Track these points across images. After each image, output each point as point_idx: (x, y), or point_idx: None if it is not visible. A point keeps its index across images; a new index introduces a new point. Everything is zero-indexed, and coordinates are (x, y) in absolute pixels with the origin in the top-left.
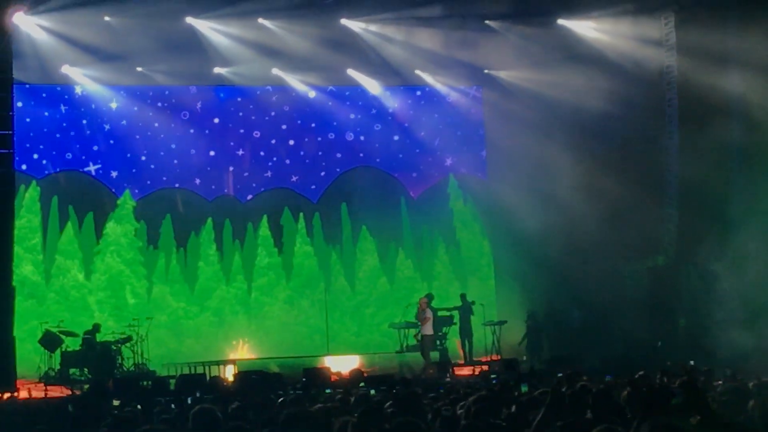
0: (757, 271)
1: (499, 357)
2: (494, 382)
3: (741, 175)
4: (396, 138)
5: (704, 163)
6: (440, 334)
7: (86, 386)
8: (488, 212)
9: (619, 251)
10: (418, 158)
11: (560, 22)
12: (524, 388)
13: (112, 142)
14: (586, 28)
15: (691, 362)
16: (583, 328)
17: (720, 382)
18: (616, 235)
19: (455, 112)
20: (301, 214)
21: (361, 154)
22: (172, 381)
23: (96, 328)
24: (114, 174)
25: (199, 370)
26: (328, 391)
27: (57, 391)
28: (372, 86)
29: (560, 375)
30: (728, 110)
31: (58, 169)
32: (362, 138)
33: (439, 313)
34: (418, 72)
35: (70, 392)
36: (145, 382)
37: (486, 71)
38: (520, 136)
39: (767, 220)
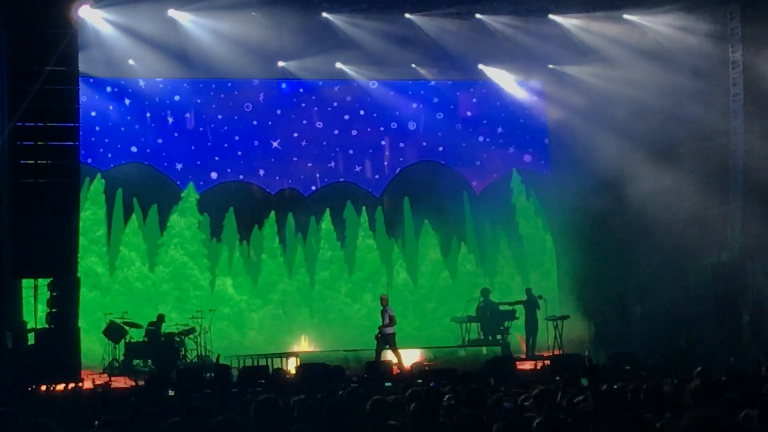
0: None
1: (560, 352)
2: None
3: None
4: (458, 127)
5: None
6: (502, 328)
7: (149, 377)
8: (551, 207)
9: (682, 247)
10: (481, 152)
11: (625, 16)
12: (584, 381)
13: (176, 134)
14: (650, 22)
15: (760, 357)
16: (645, 323)
17: None
18: (680, 231)
19: (518, 106)
20: (364, 208)
21: (424, 143)
22: (235, 372)
23: (160, 318)
24: (178, 166)
25: (262, 362)
26: (388, 384)
27: (120, 382)
28: (435, 80)
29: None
30: None
31: (123, 162)
32: (425, 128)
33: (502, 308)
34: (480, 66)
35: (133, 383)
36: (208, 374)
37: (550, 66)
38: (584, 132)
39: None
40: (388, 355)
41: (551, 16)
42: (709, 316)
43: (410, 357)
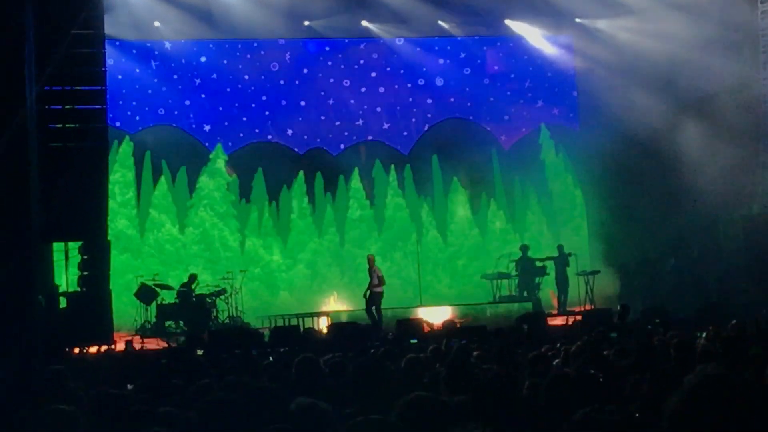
0: None
1: (591, 307)
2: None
3: None
4: (486, 83)
5: None
6: (533, 284)
7: (182, 338)
8: (580, 162)
9: (713, 200)
10: (509, 108)
11: None
12: (614, 335)
13: (203, 96)
14: None
15: None
16: (677, 277)
17: None
18: (710, 184)
19: (545, 61)
20: (392, 166)
21: (452, 100)
22: (266, 333)
23: (192, 279)
24: (207, 128)
25: (293, 322)
26: (413, 341)
27: (153, 344)
28: (461, 36)
29: (649, 327)
30: None
31: (151, 125)
32: (452, 84)
33: (535, 264)
34: (507, 22)
35: (166, 344)
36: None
37: (577, 20)
38: (612, 86)
39: None
40: (419, 313)
41: None
42: (741, 269)
43: (441, 315)
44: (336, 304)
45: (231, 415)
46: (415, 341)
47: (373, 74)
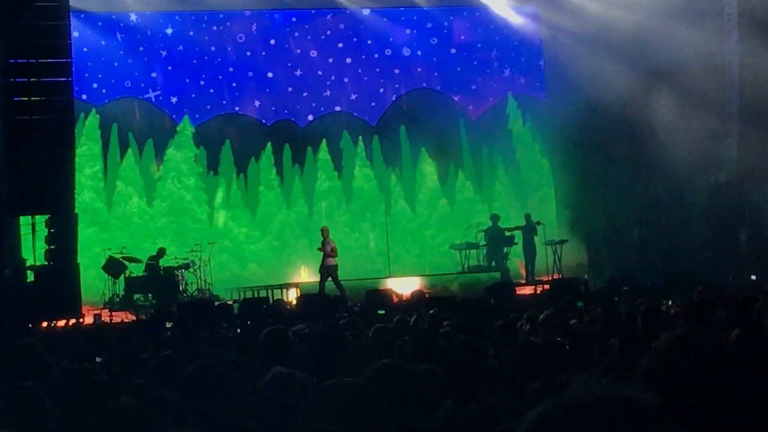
0: None
1: (560, 276)
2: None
3: None
4: (453, 52)
5: (766, 78)
6: (502, 254)
7: (150, 312)
8: (548, 132)
9: (680, 169)
10: (476, 78)
11: None
12: (580, 304)
13: (169, 68)
14: None
15: (753, 277)
16: (643, 245)
17: None
18: (677, 152)
19: (512, 31)
20: (360, 137)
21: (419, 69)
22: (236, 305)
23: (161, 252)
24: (173, 100)
25: (262, 294)
26: (381, 312)
27: (122, 317)
28: (428, 6)
29: (616, 298)
30: None
31: (117, 97)
32: (419, 53)
33: (503, 234)
34: None
35: (134, 318)
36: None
37: None
38: (578, 55)
39: None
40: (388, 284)
41: None
42: (707, 237)
43: (410, 285)
44: (305, 276)
45: (201, 387)
46: (383, 312)
47: (340, 45)
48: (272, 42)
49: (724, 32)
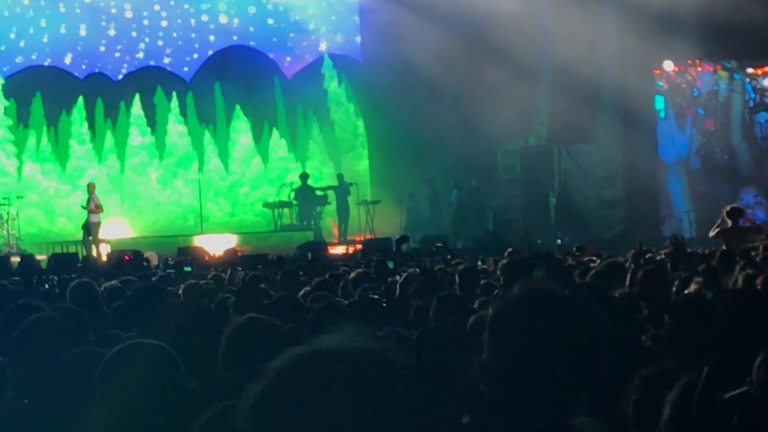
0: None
1: (372, 236)
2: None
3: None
4: (270, 22)
5: (578, 43)
6: (314, 214)
7: None
8: (363, 93)
9: (492, 132)
10: (293, 40)
11: None
12: (390, 265)
13: None
14: None
15: (558, 240)
16: (456, 208)
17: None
18: (490, 115)
19: None
20: (174, 93)
21: (235, 37)
22: (44, 260)
23: None
24: None
25: (71, 249)
26: (187, 269)
27: None
28: None
29: (428, 258)
30: None
31: None
32: (236, 21)
33: (315, 193)
34: None
35: None
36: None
37: None
38: (398, 18)
39: None
40: (199, 241)
41: None
42: (518, 200)
43: (222, 242)
44: (116, 232)
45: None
46: (189, 269)
47: (156, 7)
48: None
49: None
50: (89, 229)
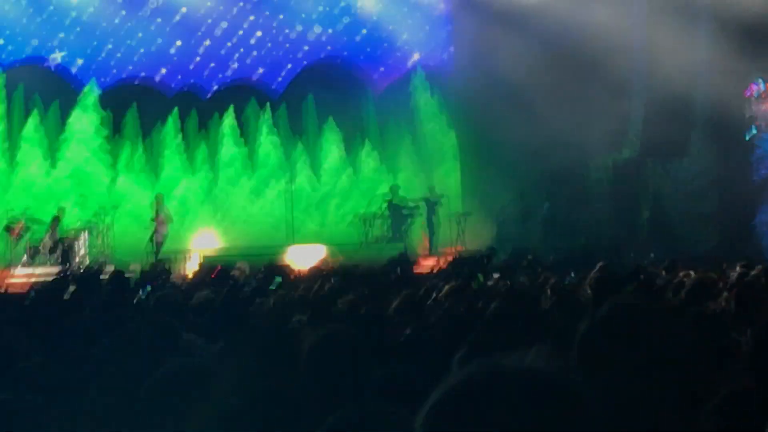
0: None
1: (462, 248)
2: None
3: None
4: (363, 32)
5: (671, 57)
6: (405, 226)
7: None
8: (455, 105)
9: (584, 145)
10: (385, 52)
11: None
12: (480, 278)
13: (78, 29)
14: None
15: (651, 255)
16: (547, 221)
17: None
18: (582, 128)
19: (422, 6)
20: (268, 105)
21: (329, 47)
22: (137, 270)
23: (61, 213)
24: (80, 62)
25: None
26: (278, 279)
27: (22, 279)
28: None
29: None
30: (696, 4)
31: (23, 56)
32: (330, 32)
33: (405, 205)
34: None
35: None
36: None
37: None
38: (489, 31)
39: None
40: (291, 252)
41: None
42: (610, 214)
43: (312, 254)
44: (208, 243)
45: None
46: (279, 279)
47: (251, 18)
48: (183, 10)
49: (630, 11)
50: (157, 240)
